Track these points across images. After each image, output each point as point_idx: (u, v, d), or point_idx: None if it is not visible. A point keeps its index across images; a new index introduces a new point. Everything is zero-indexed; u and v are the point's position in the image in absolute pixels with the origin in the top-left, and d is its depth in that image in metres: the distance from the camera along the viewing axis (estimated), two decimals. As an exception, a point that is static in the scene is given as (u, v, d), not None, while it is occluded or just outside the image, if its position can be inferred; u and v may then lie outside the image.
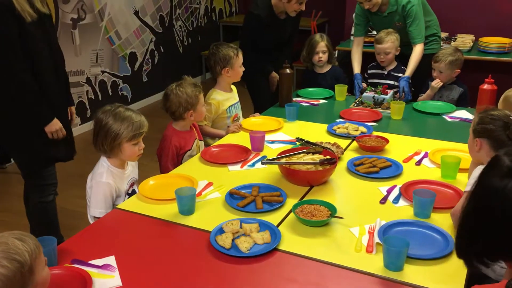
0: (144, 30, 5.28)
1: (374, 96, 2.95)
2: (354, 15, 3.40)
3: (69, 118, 2.56)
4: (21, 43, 2.18)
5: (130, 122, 1.89)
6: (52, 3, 4.13)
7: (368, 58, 3.82)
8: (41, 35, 2.26)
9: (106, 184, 1.89)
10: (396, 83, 3.25)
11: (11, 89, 2.23)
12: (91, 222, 1.89)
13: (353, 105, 2.96)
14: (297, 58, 5.53)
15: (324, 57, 3.28)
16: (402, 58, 3.29)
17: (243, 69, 2.76)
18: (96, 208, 1.88)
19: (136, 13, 5.12)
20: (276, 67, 3.17)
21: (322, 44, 3.25)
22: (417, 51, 3.14)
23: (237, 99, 2.84)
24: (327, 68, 3.36)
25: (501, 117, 1.68)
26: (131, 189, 2.03)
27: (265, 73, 3.35)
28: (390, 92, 3.00)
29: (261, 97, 3.41)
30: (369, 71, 3.41)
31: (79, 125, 4.49)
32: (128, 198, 1.94)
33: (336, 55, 3.81)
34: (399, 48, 3.23)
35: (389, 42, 3.18)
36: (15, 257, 1.07)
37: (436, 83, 3.02)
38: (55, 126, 2.34)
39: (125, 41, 5.04)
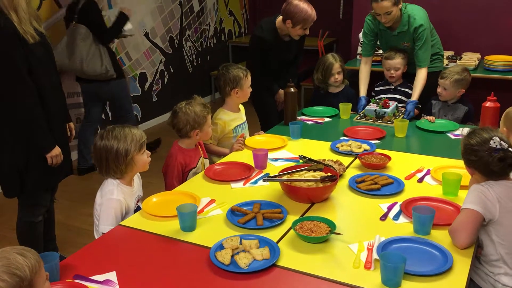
0: (154, 51, 5.38)
1: (376, 109, 2.99)
2: (361, 33, 3.44)
3: (68, 135, 2.62)
4: (27, 66, 2.23)
5: (132, 136, 1.96)
6: (64, 25, 4.24)
7: (376, 78, 3.85)
8: (43, 55, 2.33)
9: (117, 200, 1.93)
10: (403, 98, 3.27)
11: (18, 114, 2.28)
12: (97, 236, 1.92)
13: (356, 119, 3.01)
14: (305, 77, 5.62)
15: (339, 77, 3.35)
16: (407, 77, 3.32)
17: (251, 89, 2.81)
18: (106, 224, 1.90)
19: (147, 34, 5.23)
20: (282, 86, 3.21)
21: (336, 66, 3.33)
22: (423, 75, 3.16)
23: (244, 119, 2.88)
24: (340, 88, 3.42)
25: (481, 145, 1.68)
26: (137, 205, 2.07)
27: (271, 92, 3.40)
28: (393, 105, 3.03)
29: (268, 115, 3.45)
30: (376, 89, 3.44)
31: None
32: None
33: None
34: (406, 65, 3.28)
35: (400, 58, 3.24)
36: (15, 272, 1.10)
37: (430, 121, 2.99)
38: (55, 152, 2.39)
39: (135, 62, 5.13)
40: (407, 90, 3.29)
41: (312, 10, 3.06)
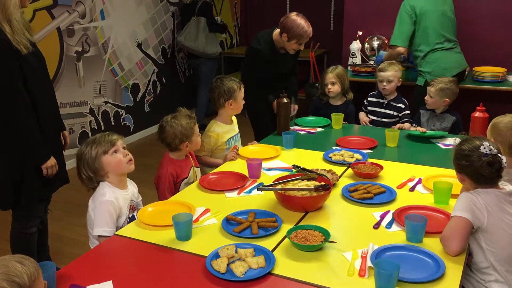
0: (147, 62, 5.41)
1: None
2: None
3: (63, 143, 2.62)
4: (21, 77, 2.23)
5: (95, 140, 2.01)
6: (57, 36, 4.27)
7: (368, 88, 3.90)
8: (36, 65, 2.33)
9: (109, 202, 1.95)
10: (395, 113, 3.30)
11: (12, 126, 2.28)
12: (92, 246, 1.92)
13: None
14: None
15: (333, 88, 3.34)
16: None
17: (244, 102, 2.83)
18: (100, 227, 1.92)
19: (139, 45, 5.26)
20: (277, 97, 3.23)
21: (329, 76, 3.35)
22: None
23: (237, 130, 2.90)
24: (340, 101, 3.42)
25: (472, 151, 1.72)
26: (131, 214, 2.07)
27: (266, 103, 3.42)
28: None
29: (262, 126, 3.47)
30: (369, 99, 3.48)
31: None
32: (129, 223, 1.98)
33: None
34: (401, 79, 3.30)
35: (392, 70, 3.27)
36: (14, 279, 1.11)
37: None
38: (50, 162, 2.39)
39: (128, 72, 5.15)
40: (400, 105, 3.32)
41: (308, 26, 3.10)
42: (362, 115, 3.49)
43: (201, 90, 5.54)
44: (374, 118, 3.40)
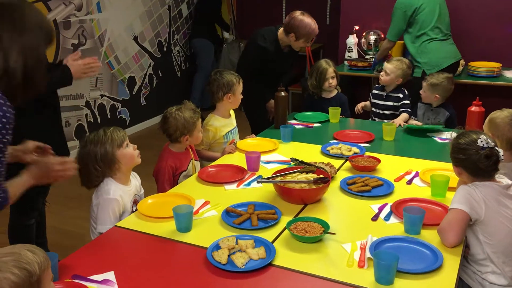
0: (143, 55, 5.40)
1: None
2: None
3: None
4: None
5: (107, 138, 2.00)
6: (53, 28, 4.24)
7: (364, 82, 3.90)
8: None
9: (114, 200, 1.94)
10: (395, 104, 3.31)
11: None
12: (94, 238, 1.93)
13: None
14: (293, 82, 5.68)
15: (333, 82, 3.40)
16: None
17: (241, 96, 2.84)
18: (105, 224, 1.92)
19: (135, 38, 5.24)
20: (273, 95, 3.24)
21: (330, 70, 3.38)
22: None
23: (234, 124, 2.90)
24: (333, 93, 3.46)
25: (469, 144, 1.74)
26: (135, 207, 2.07)
27: (263, 99, 3.43)
28: None
29: (258, 120, 3.48)
30: (373, 91, 3.50)
31: (78, 147, 4.54)
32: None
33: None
34: (401, 79, 3.29)
35: (393, 65, 3.28)
36: (25, 267, 1.13)
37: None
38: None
39: (124, 65, 5.14)
40: (399, 95, 3.32)
41: (315, 24, 3.13)
42: (361, 103, 3.55)
43: (198, 70, 5.91)
44: (376, 110, 3.42)
